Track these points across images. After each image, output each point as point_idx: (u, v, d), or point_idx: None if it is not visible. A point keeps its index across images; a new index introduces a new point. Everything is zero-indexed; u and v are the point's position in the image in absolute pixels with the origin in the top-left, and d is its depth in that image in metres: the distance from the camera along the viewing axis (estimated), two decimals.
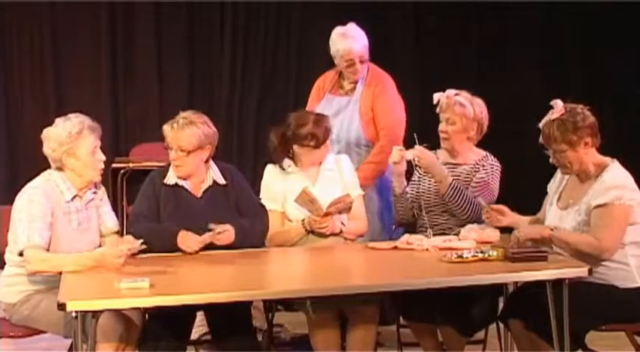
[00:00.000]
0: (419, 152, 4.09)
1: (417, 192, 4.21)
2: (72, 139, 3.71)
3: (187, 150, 3.86)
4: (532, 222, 3.92)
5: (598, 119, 3.70)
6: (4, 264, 3.80)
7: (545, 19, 7.39)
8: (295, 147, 4.13)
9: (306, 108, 4.72)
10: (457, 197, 4.05)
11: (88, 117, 3.81)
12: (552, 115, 3.66)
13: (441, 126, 4.17)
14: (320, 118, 4.15)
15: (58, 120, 3.79)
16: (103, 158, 3.82)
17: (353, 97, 4.68)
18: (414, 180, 4.26)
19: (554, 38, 7.37)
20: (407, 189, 4.25)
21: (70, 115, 3.81)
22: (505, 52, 7.30)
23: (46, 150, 3.77)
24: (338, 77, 4.78)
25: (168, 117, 3.92)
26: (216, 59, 7.35)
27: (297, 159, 4.18)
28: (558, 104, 3.67)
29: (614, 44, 7.17)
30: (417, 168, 4.22)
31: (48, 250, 3.61)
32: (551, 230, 3.65)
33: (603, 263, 3.61)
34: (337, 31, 4.66)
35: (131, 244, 3.58)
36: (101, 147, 3.85)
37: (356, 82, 4.70)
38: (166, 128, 3.90)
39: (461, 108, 4.10)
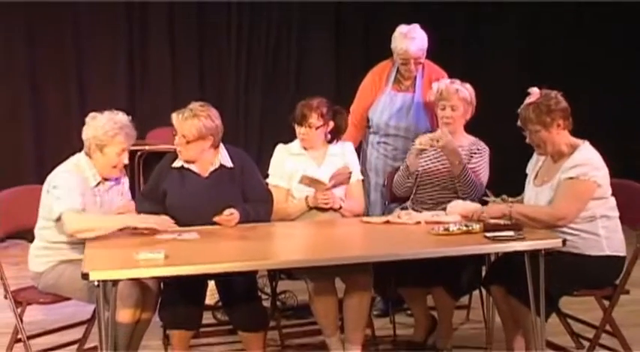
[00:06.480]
0: (442, 134, 4.30)
1: (423, 169, 4.45)
2: (106, 138, 3.92)
3: (188, 139, 4.05)
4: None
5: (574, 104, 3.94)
6: (33, 239, 4.03)
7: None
8: (295, 125, 4.40)
9: (359, 101, 4.93)
10: (467, 179, 4.30)
11: (130, 122, 4.01)
12: (529, 100, 3.90)
13: (445, 113, 4.41)
14: (319, 105, 4.35)
15: (106, 113, 3.98)
16: (126, 161, 4.03)
17: (416, 94, 4.83)
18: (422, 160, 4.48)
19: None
20: None
21: (117, 113, 4.00)
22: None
23: (83, 133, 3.98)
24: (395, 73, 4.89)
25: (181, 107, 4.16)
26: (223, 56, 7.89)
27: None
28: (535, 90, 3.92)
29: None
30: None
31: None
32: (510, 206, 3.85)
33: (576, 233, 3.82)
34: (400, 30, 4.78)
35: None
36: None
37: (411, 79, 4.85)
38: (174, 116, 4.09)
39: (462, 94, 4.40)
